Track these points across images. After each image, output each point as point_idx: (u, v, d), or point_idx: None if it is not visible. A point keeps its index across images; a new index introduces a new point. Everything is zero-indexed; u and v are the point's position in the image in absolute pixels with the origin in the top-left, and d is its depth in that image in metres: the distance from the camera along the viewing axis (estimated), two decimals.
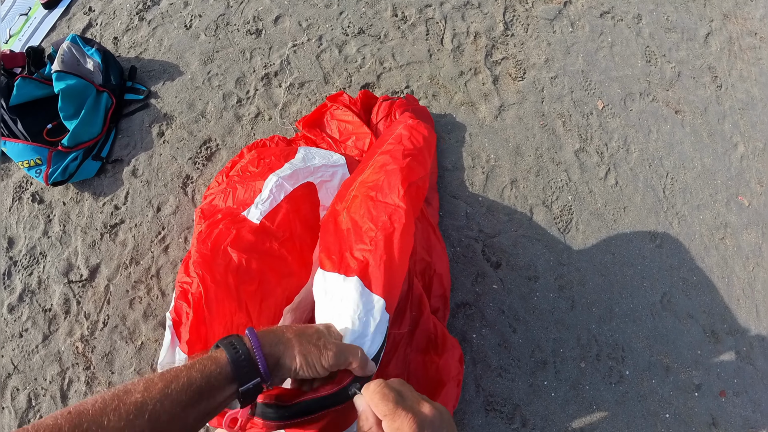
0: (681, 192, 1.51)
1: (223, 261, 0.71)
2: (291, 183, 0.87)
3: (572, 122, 1.45)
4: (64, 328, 1.17)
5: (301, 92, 1.41)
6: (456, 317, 1.10)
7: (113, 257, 1.23)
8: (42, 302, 1.22)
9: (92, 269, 1.23)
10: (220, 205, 0.89)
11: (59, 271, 1.23)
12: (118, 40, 1.50)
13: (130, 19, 1.50)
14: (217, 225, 0.79)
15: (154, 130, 1.38)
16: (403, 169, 0.70)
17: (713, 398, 1.20)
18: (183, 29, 1.47)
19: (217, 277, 0.69)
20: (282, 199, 0.85)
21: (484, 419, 1.02)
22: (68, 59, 1.29)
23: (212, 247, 0.74)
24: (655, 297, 1.29)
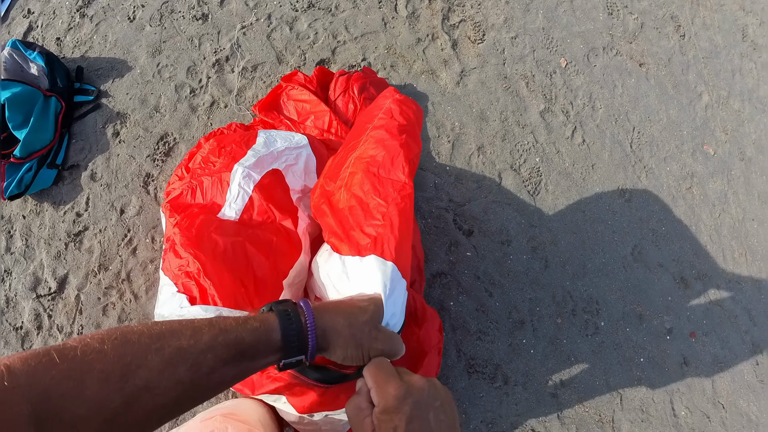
0: (648, 145, 1.59)
1: (209, 245, 0.75)
2: (257, 172, 0.91)
3: (536, 83, 1.50)
4: (38, 344, 1.19)
5: (254, 75, 1.41)
6: (432, 287, 1.16)
7: (81, 266, 1.24)
8: (12, 321, 1.22)
9: (60, 281, 1.23)
10: (190, 201, 0.91)
11: (26, 287, 1.24)
12: (61, 40, 1.48)
13: (71, 18, 1.47)
14: (197, 216, 0.83)
15: (109, 130, 1.38)
16: (403, 145, 0.73)
17: (684, 340, 1.31)
18: (127, 22, 1.45)
19: (208, 254, 0.73)
20: (252, 190, 0.88)
21: (467, 381, 1.09)
22: (11, 66, 1.28)
23: (197, 233, 0.77)
24: (626, 250, 1.38)
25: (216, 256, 0.76)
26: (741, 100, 1.87)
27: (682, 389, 1.25)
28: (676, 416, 1.21)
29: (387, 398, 0.38)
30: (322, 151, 1.07)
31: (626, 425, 1.16)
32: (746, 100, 1.89)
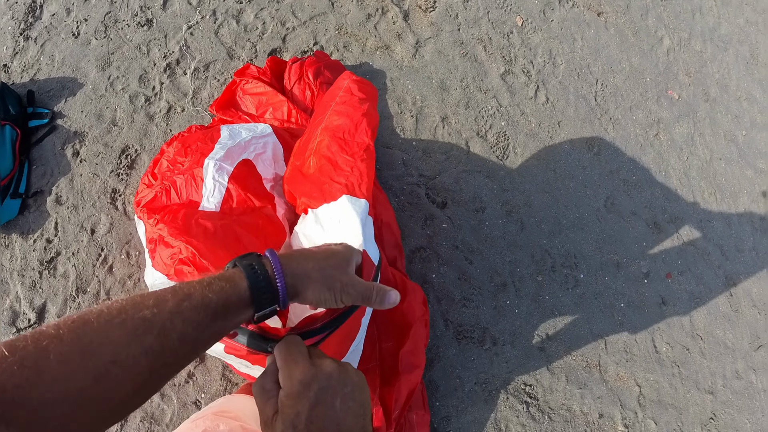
0: (612, 96, 1.68)
1: (198, 230, 0.82)
2: (229, 163, 0.97)
3: (493, 45, 1.55)
4: None
5: (207, 75, 1.44)
6: (413, 262, 1.23)
7: (58, 292, 1.28)
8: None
9: (39, 311, 1.27)
10: (165, 201, 0.96)
11: (5, 323, 1.27)
12: (8, 66, 1.51)
13: (15, 42, 1.50)
14: (179, 210, 0.88)
15: (68, 151, 1.41)
16: (365, 114, 0.84)
17: (661, 281, 1.42)
18: (72, 38, 1.47)
19: (200, 238, 0.80)
20: (228, 182, 0.95)
21: (458, 348, 1.18)
22: None
23: (183, 222, 0.83)
24: (599, 202, 1.48)
25: (208, 238, 0.82)
26: (702, 40, 1.96)
27: (662, 327, 1.37)
28: (658, 352, 1.33)
29: (293, 382, 0.38)
30: (287, 138, 1.12)
31: (612, 367, 1.27)
32: (707, 40, 1.99)
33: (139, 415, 1.16)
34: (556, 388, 1.22)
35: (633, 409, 1.25)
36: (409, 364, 1.11)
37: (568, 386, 1.23)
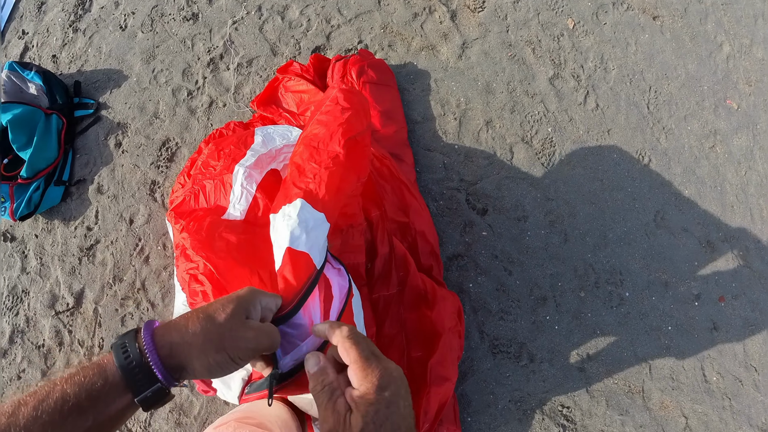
0: (666, 104, 1.58)
1: (221, 243, 0.82)
2: (258, 172, 0.97)
3: (542, 48, 1.48)
4: (61, 360, 1.26)
5: (250, 70, 1.43)
6: (450, 270, 1.19)
7: (95, 279, 1.30)
8: (33, 340, 1.29)
9: (77, 296, 1.30)
10: (193, 205, 0.97)
11: (45, 305, 1.30)
12: (57, 57, 1.54)
13: (64, 34, 1.53)
14: (204, 218, 0.89)
15: (111, 141, 1.43)
16: (342, 124, 0.82)
17: (713, 305, 1.32)
18: (119, 31, 1.50)
19: (221, 255, 0.80)
20: (255, 191, 0.95)
21: (492, 362, 1.13)
22: (10, 88, 1.35)
23: (206, 234, 0.84)
24: (648, 216, 1.39)
25: (230, 252, 0.81)
26: (765, 47, 1.82)
27: (712, 355, 1.27)
28: (708, 382, 1.23)
29: (372, 383, 0.39)
30: None
31: (656, 394, 1.19)
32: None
33: (169, 406, 1.17)
34: (596, 412, 1.15)
35: None
36: (438, 376, 1.06)
37: (608, 411, 1.16)
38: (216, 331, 0.41)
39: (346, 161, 0.78)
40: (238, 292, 0.47)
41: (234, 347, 0.41)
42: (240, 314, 0.44)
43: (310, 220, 0.71)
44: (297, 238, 0.69)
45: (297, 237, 0.69)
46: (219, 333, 0.41)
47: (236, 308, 0.43)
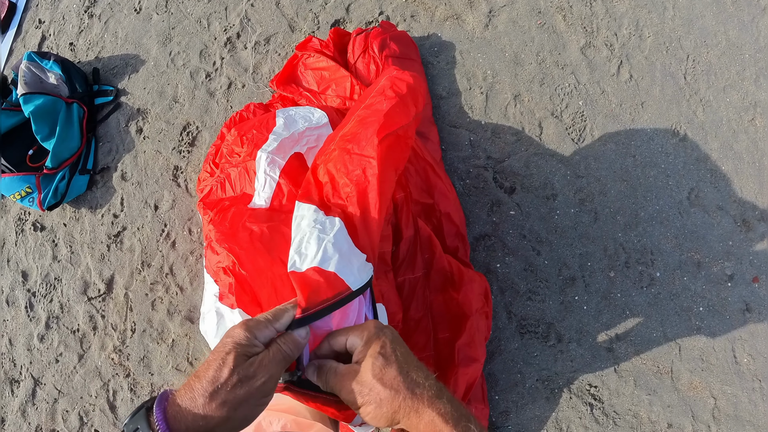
0: (704, 75, 1.46)
1: (245, 233, 0.78)
2: (281, 157, 0.92)
3: (574, 14, 1.36)
4: (96, 343, 1.27)
5: (268, 49, 1.36)
6: (476, 251, 1.14)
7: (124, 265, 1.30)
8: (68, 325, 1.31)
9: (108, 282, 1.30)
10: (221, 195, 0.94)
11: (77, 292, 1.31)
12: (74, 45, 1.51)
13: (80, 20, 1.50)
14: (228, 209, 0.87)
15: (132, 128, 1.40)
16: (381, 120, 0.73)
17: (746, 286, 1.26)
18: (134, 14, 1.44)
19: (244, 245, 0.76)
20: (279, 176, 0.90)
21: (520, 342, 1.10)
22: (30, 79, 1.32)
23: (231, 225, 0.81)
24: (682, 194, 1.31)
25: (253, 242, 0.77)
26: None
27: (744, 336, 1.21)
28: (738, 363, 1.19)
29: (369, 329, 0.42)
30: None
31: (686, 375, 1.15)
32: None
33: None
34: (624, 391, 1.12)
35: (706, 422, 1.13)
36: (466, 357, 1.03)
37: (636, 391, 1.12)
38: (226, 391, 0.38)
39: (382, 163, 0.68)
40: (233, 336, 0.41)
41: (250, 394, 0.38)
42: (241, 362, 0.39)
43: (345, 247, 0.60)
44: (329, 258, 0.57)
45: (329, 257, 0.57)
46: (230, 392, 0.38)
47: (237, 357, 0.39)
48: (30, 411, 1.29)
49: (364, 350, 0.41)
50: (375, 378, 0.38)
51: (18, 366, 1.32)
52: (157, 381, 1.22)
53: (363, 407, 0.39)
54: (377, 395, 0.38)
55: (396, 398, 0.37)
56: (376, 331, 0.42)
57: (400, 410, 0.37)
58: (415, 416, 0.37)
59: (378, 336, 0.41)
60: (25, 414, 1.29)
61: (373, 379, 0.38)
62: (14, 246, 1.40)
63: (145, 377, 1.23)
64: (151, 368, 1.23)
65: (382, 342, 0.41)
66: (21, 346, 1.33)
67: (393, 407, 0.37)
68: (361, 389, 0.39)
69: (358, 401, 0.39)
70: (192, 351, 1.21)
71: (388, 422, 0.39)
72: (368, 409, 0.38)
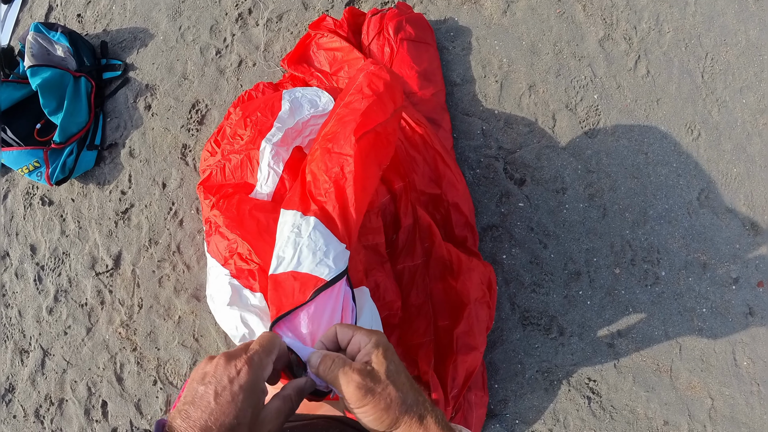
0: (722, 74, 1.37)
1: (252, 222, 0.77)
2: (285, 149, 0.90)
3: (594, 5, 1.28)
4: (104, 318, 1.23)
5: (280, 26, 1.28)
6: (483, 241, 1.09)
7: (132, 242, 1.26)
8: (77, 298, 1.27)
9: (115, 258, 1.26)
10: (221, 180, 0.91)
11: (85, 266, 1.28)
12: (82, 16, 1.42)
13: None
14: (232, 196, 0.84)
15: (140, 104, 1.33)
16: (358, 119, 0.72)
17: (750, 290, 1.21)
18: None
19: (253, 234, 0.75)
20: (282, 170, 0.88)
21: (522, 333, 1.06)
22: (37, 51, 1.25)
23: (237, 212, 0.79)
24: (692, 194, 1.24)
25: (260, 232, 0.76)
26: None
27: (745, 339, 1.17)
28: (738, 366, 1.14)
29: (379, 336, 0.41)
30: None
31: (685, 374, 1.11)
32: None
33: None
34: (622, 387, 1.08)
35: (702, 421, 1.09)
36: (465, 345, 0.99)
37: (634, 387, 1.08)
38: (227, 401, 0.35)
39: (361, 160, 0.68)
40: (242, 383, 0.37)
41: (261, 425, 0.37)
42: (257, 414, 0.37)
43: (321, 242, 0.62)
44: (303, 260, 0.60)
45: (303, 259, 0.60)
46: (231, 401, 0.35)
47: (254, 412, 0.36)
48: (39, 380, 1.27)
49: (374, 352, 0.40)
50: (389, 379, 0.38)
51: (27, 337, 1.30)
52: (163, 356, 1.19)
53: (368, 406, 0.37)
54: (389, 395, 0.37)
55: (404, 404, 0.37)
56: (386, 341, 0.42)
57: (405, 416, 0.37)
58: (416, 424, 0.37)
59: (386, 346, 0.41)
60: (35, 383, 1.27)
61: (387, 379, 0.38)
62: (22, 220, 1.35)
63: (151, 352, 1.20)
64: (157, 343, 1.19)
65: (391, 351, 0.41)
66: (30, 317, 1.30)
67: (400, 411, 0.37)
68: (375, 386, 0.37)
69: (366, 398, 0.37)
70: (198, 328, 1.18)
71: (387, 426, 0.37)
72: (374, 409, 0.37)
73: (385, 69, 0.79)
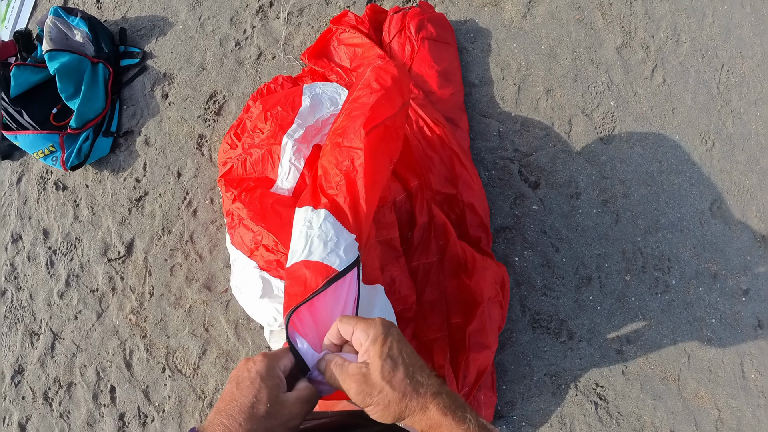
0: (737, 86, 1.37)
1: (275, 216, 0.77)
2: (306, 146, 0.90)
3: (613, 12, 1.27)
4: (114, 304, 1.23)
5: (301, 20, 1.27)
6: (496, 242, 1.08)
7: (145, 230, 1.25)
8: (88, 284, 1.26)
9: (128, 245, 1.25)
10: (241, 173, 0.91)
11: (97, 252, 1.27)
12: (101, 2, 1.43)
13: None
14: (255, 190, 0.84)
15: (157, 93, 1.32)
16: (367, 113, 0.72)
17: (761, 302, 1.20)
18: None
19: (277, 226, 0.75)
20: (303, 167, 0.88)
21: (532, 336, 1.05)
22: (56, 36, 1.24)
23: (260, 205, 0.79)
24: (705, 204, 1.23)
25: (283, 226, 0.76)
26: None
27: (754, 352, 1.15)
28: (746, 378, 1.13)
29: (377, 327, 0.40)
30: None
31: (692, 384, 1.10)
32: None
33: (216, 351, 1.14)
34: (629, 394, 1.07)
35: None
36: (477, 343, 0.98)
37: (641, 395, 1.07)
38: (265, 427, 0.38)
39: (371, 154, 0.68)
40: (258, 369, 0.40)
41: (287, 429, 0.39)
42: (275, 395, 0.39)
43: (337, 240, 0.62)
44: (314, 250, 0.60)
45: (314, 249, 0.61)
46: (269, 428, 0.38)
47: (270, 391, 0.39)
48: (49, 363, 1.26)
49: (371, 349, 0.39)
50: (384, 380, 0.38)
51: (38, 320, 1.29)
52: (172, 344, 1.18)
53: (371, 407, 0.39)
54: (386, 397, 0.38)
55: (403, 400, 0.38)
56: (384, 330, 0.40)
57: (407, 410, 0.38)
58: (419, 414, 0.38)
59: (385, 336, 0.40)
60: (44, 365, 1.26)
61: (382, 381, 0.38)
62: (36, 204, 1.35)
63: (161, 339, 1.19)
64: (167, 331, 1.19)
65: (390, 343, 0.39)
66: (41, 301, 1.30)
67: (400, 408, 0.38)
68: (371, 391, 0.38)
69: (366, 401, 0.38)
70: (208, 318, 1.17)
71: (393, 420, 0.39)
72: (376, 409, 0.38)
73: (392, 63, 0.79)
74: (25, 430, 1.25)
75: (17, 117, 1.23)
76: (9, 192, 1.39)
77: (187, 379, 1.15)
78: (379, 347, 0.39)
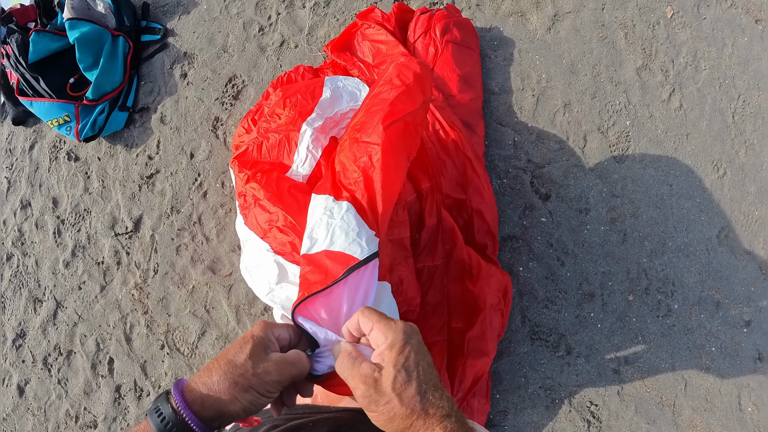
0: (752, 117, 1.34)
1: (292, 199, 0.75)
2: (324, 136, 0.88)
3: (636, 34, 1.25)
4: (119, 278, 1.21)
5: (327, 12, 1.25)
6: (502, 251, 1.06)
7: (154, 207, 1.22)
8: (94, 256, 1.25)
9: (136, 221, 1.23)
10: (256, 156, 0.89)
11: (105, 226, 1.25)
12: None
13: None
14: (270, 172, 0.82)
15: (176, 71, 1.29)
16: (386, 108, 0.70)
17: (762, 335, 1.17)
18: None
19: (294, 209, 0.73)
20: (320, 156, 0.86)
21: (530, 347, 1.02)
22: (78, 4, 1.21)
23: (277, 189, 0.77)
24: (713, 231, 1.21)
25: (300, 210, 0.74)
26: None
27: (752, 385, 1.12)
28: (742, 411, 1.10)
29: (397, 334, 0.37)
30: None
31: (688, 411, 1.06)
32: None
33: (216, 333, 1.12)
34: (623, 415, 1.04)
35: None
36: (476, 349, 0.96)
37: (635, 417, 1.04)
38: (239, 373, 0.39)
39: (389, 149, 0.66)
40: (252, 330, 0.43)
41: (260, 384, 0.39)
42: (258, 351, 0.41)
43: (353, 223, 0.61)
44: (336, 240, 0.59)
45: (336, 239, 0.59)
46: (242, 375, 0.39)
47: (254, 346, 0.41)
48: (50, 330, 1.24)
49: (387, 354, 0.37)
50: (394, 392, 0.35)
51: (42, 287, 1.27)
52: (173, 322, 1.16)
53: (374, 414, 0.36)
54: (392, 409, 0.35)
55: (410, 417, 0.35)
56: (404, 337, 0.37)
57: (411, 428, 0.35)
58: None
59: (404, 344, 0.37)
60: (46, 332, 1.24)
61: (392, 392, 0.35)
62: (47, 172, 1.33)
63: (162, 317, 1.16)
64: (168, 309, 1.16)
65: (407, 353, 0.36)
66: (46, 269, 1.28)
67: (405, 424, 0.35)
68: (378, 399, 0.36)
69: (370, 407, 0.36)
70: (210, 300, 1.14)
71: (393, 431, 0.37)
72: (380, 418, 0.36)
73: (415, 61, 0.77)
74: (24, 392, 1.23)
75: (34, 83, 1.20)
76: (21, 158, 1.37)
77: (185, 358, 1.12)
78: (396, 355, 0.36)
